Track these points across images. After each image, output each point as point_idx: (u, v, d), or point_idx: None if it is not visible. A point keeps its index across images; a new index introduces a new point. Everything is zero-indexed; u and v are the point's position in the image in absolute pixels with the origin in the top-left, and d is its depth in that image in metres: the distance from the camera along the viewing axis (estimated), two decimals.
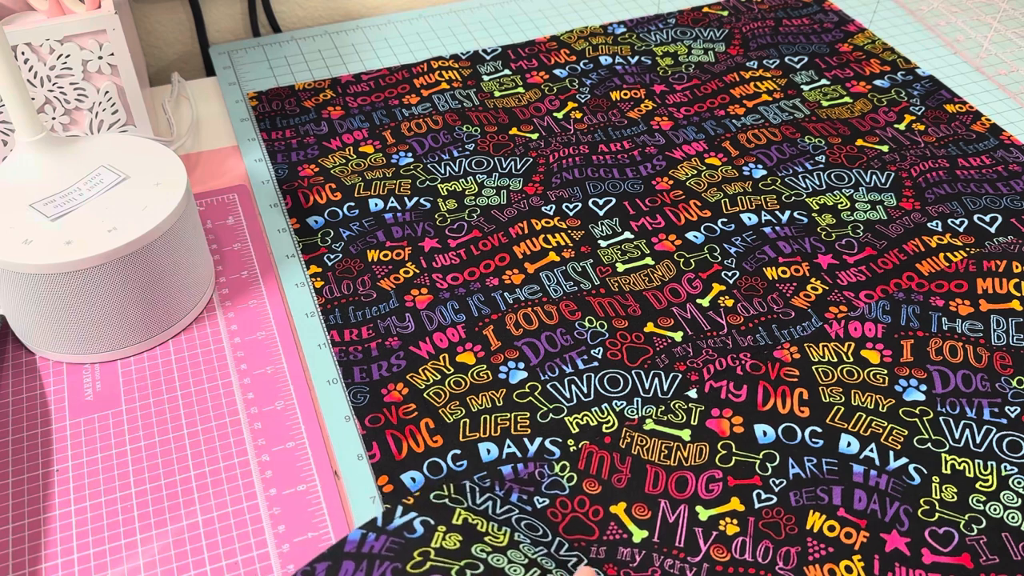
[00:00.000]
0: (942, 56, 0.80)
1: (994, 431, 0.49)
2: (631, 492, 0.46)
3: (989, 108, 0.74)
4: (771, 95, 0.74)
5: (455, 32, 0.83)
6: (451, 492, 0.45)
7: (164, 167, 0.54)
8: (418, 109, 0.72)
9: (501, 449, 0.49)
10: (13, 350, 0.54)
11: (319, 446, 0.49)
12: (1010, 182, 0.66)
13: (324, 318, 0.56)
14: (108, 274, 0.49)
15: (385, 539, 0.42)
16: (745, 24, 0.83)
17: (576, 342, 0.54)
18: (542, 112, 0.72)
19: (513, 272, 0.59)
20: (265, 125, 0.71)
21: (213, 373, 0.53)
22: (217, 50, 0.80)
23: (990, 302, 0.56)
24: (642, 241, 0.61)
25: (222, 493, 0.47)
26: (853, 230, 0.62)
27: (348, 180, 0.65)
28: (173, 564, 0.44)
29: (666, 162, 0.68)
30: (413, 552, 0.41)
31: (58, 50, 0.59)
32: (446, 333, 0.55)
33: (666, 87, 0.75)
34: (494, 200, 0.64)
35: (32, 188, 0.51)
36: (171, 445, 0.49)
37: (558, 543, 0.44)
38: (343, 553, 0.42)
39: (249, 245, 0.61)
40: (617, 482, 0.47)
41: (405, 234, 0.61)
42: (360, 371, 0.53)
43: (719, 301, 0.57)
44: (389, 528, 0.42)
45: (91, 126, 0.63)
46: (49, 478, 0.47)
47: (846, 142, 0.69)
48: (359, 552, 0.42)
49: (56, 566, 0.44)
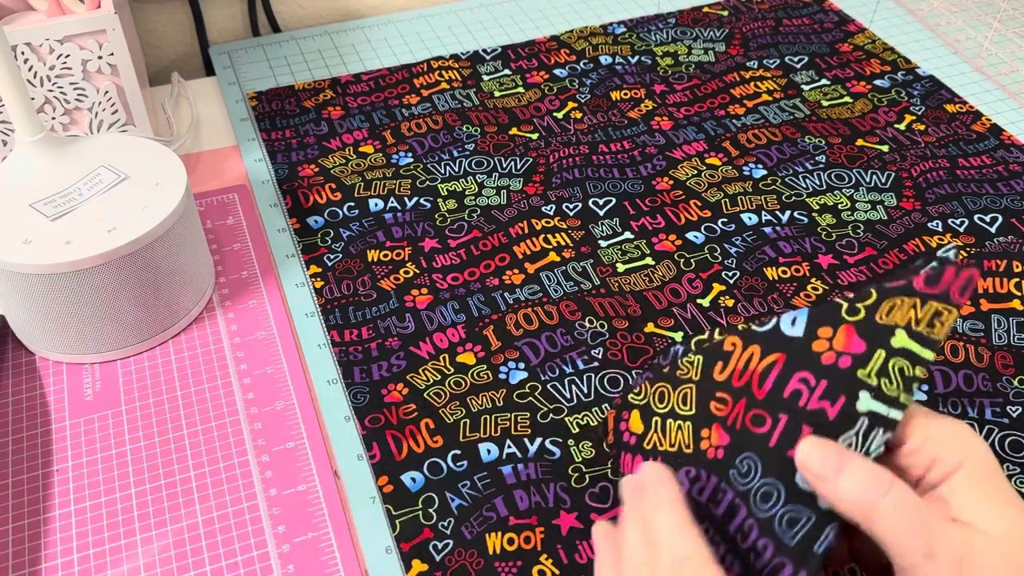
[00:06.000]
0: (942, 56, 0.80)
1: (996, 431, 0.49)
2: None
3: (989, 108, 0.74)
4: (771, 95, 0.74)
5: (455, 32, 0.83)
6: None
7: (164, 167, 0.54)
8: (418, 109, 0.72)
9: (501, 449, 0.49)
10: (13, 350, 0.54)
11: (319, 446, 0.49)
12: (1010, 182, 0.66)
13: (324, 318, 0.56)
14: (108, 274, 0.49)
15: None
16: (745, 24, 0.83)
17: (576, 342, 0.54)
18: (542, 112, 0.72)
19: (513, 272, 0.59)
20: (265, 125, 0.71)
21: (213, 373, 0.53)
22: (217, 50, 0.80)
23: (991, 302, 0.56)
24: (642, 241, 0.61)
25: (222, 493, 0.47)
26: (853, 230, 0.62)
27: (348, 180, 0.65)
28: (173, 564, 0.44)
29: (666, 162, 0.68)
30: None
31: (58, 50, 0.59)
32: (446, 333, 0.55)
33: (666, 87, 0.75)
34: (494, 200, 0.64)
35: (32, 188, 0.51)
36: (171, 445, 0.49)
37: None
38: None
39: (249, 245, 0.61)
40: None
41: (405, 234, 0.61)
42: (360, 371, 0.53)
43: (719, 301, 0.57)
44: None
45: (91, 126, 0.62)
46: (49, 478, 0.47)
47: (846, 142, 0.69)
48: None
49: (56, 566, 0.44)
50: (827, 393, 0.32)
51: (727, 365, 0.35)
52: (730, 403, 0.35)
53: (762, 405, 0.33)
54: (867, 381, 0.32)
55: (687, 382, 0.37)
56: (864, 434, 0.31)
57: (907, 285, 0.33)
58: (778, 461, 0.32)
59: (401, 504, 0.46)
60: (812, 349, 0.33)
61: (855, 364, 0.32)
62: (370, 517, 0.46)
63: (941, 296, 0.32)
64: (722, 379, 0.35)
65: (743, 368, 0.35)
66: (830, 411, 0.32)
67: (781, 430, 0.33)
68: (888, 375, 0.32)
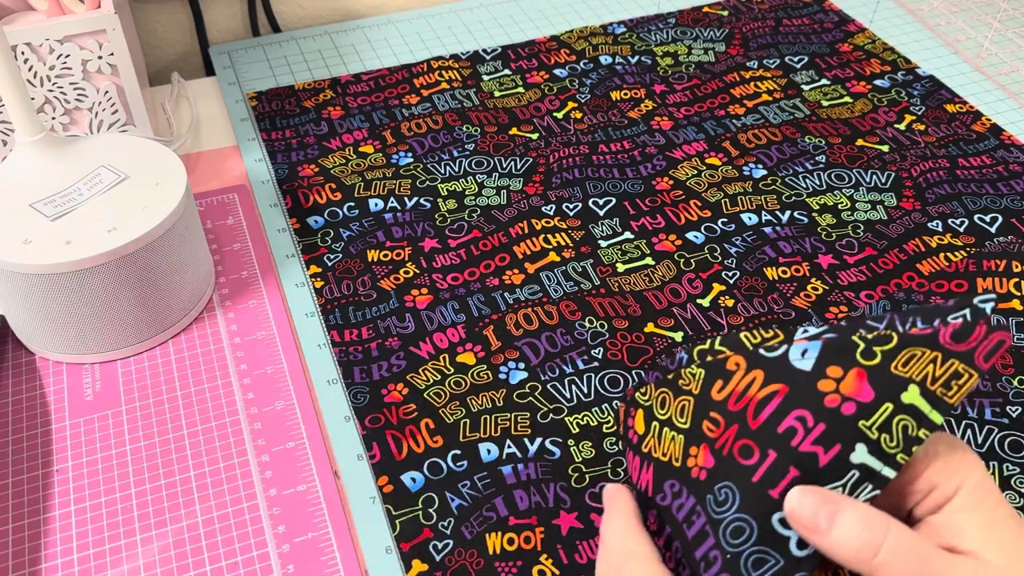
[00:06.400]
0: (942, 56, 0.80)
1: (996, 431, 0.49)
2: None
3: (989, 108, 0.74)
4: (771, 95, 0.74)
5: (455, 32, 0.83)
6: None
7: (164, 167, 0.54)
8: (418, 109, 0.72)
9: (501, 449, 0.49)
10: (13, 350, 0.54)
11: (319, 446, 0.49)
12: (1010, 182, 0.66)
13: (324, 318, 0.56)
14: (108, 274, 0.49)
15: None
16: (745, 24, 0.83)
17: (576, 342, 0.54)
18: (542, 112, 0.72)
19: (513, 272, 0.59)
20: (265, 125, 0.71)
21: (213, 373, 0.53)
22: (217, 50, 0.80)
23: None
24: (642, 241, 0.61)
25: (222, 493, 0.47)
26: (853, 230, 0.62)
27: (348, 180, 0.65)
28: (173, 564, 0.44)
29: (666, 162, 0.68)
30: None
31: (58, 50, 0.59)
32: (446, 333, 0.55)
33: (666, 87, 0.75)
34: (494, 200, 0.64)
35: (32, 188, 0.51)
36: (171, 445, 0.49)
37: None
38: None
39: (249, 245, 0.61)
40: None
41: (405, 234, 0.61)
42: (360, 371, 0.53)
43: (719, 301, 0.57)
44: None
45: (91, 126, 0.62)
46: (49, 478, 0.47)
47: (846, 142, 0.69)
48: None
49: (56, 566, 0.44)
50: (823, 438, 0.31)
51: (727, 385, 0.34)
52: (722, 425, 0.33)
53: (753, 436, 0.32)
54: (867, 433, 0.30)
55: (687, 394, 0.35)
56: (852, 486, 0.30)
57: (932, 335, 0.31)
58: (757, 498, 0.31)
59: (401, 504, 0.46)
60: (817, 387, 0.31)
61: (859, 413, 0.30)
62: (370, 517, 0.46)
63: (965, 356, 0.30)
64: (719, 399, 0.34)
65: (742, 391, 0.33)
66: (822, 457, 0.30)
67: (767, 466, 0.31)
68: (890, 431, 0.30)
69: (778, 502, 0.31)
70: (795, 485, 0.31)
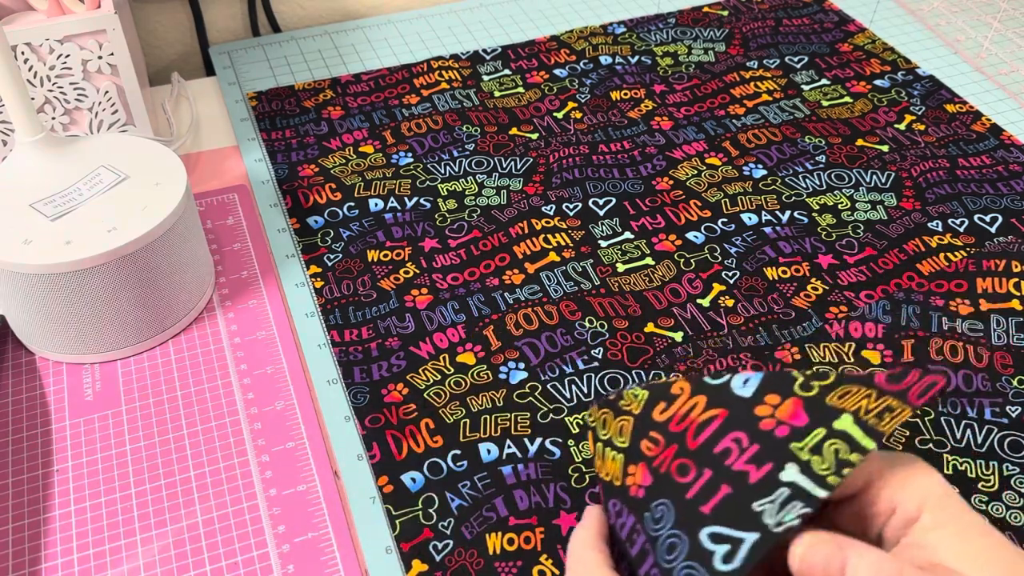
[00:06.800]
0: (942, 56, 0.80)
1: (995, 431, 0.49)
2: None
3: (989, 108, 0.74)
4: (771, 95, 0.74)
5: (455, 32, 0.83)
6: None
7: (164, 167, 0.54)
8: (418, 109, 0.72)
9: (501, 449, 0.49)
10: (13, 350, 0.54)
11: (319, 446, 0.49)
12: (1010, 182, 0.66)
13: (324, 318, 0.56)
14: (108, 274, 0.49)
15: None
16: (745, 24, 0.83)
17: (576, 342, 0.54)
18: (542, 112, 0.72)
19: (513, 272, 0.59)
20: (265, 125, 0.71)
21: (213, 373, 0.53)
22: (217, 50, 0.80)
23: (990, 302, 0.56)
24: (642, 241, 0.61)
25: (222, 493, 0.47)
26: (853, 230, 0.62)
27: (348, 180, 0.65)
28: (173, 564, 0.44)
29: (666, 162, 0.68)
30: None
31: (58, 50, 0.59)
32: (446, 333, 0.55)
33: (666, 87, 0.75)
34: (494, 200, 0.64)
35: (32, 188, 0.51)
36: (171, 445, 0.49)
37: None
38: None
39: (249, 245, 0.61)
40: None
41: (405, 234, 0.61)
42: (360, 371, 0.53)
43: (719, 301, 0.57)
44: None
45: (91, 126, 0.62)
46: (49, 478, 0.47)
47: (846, 142, 0.69)
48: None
49: (56, 566, 0.44)
50: (755, 457, 0.32)
51: (669, 407, 0.35)
52: (662, 445, 0.34)
53: (691, 455, 0.33)
54: (798, 454, 0.31)
55: (627, 414, 0.37)
56: (782, 504, 0.31)
57: (867, 377, 0.32)
58: (689, 514, 0.32)
59: (401, 504, 0.46)
60: (754, 412, 0.33)
61: (791, 436, 0.32)
62: (370, 517, 0.46)
63: (899, 394, 0.32)
64: (660, 420, 0.35)
65: (684, 415, 0.34)
66: (753, 475, 0.31)
67: (702, 484, 0.32)
68: (821, 453, 0.31)
69: (709, 517, 0.31)
70: (726, 502, 0.31)
